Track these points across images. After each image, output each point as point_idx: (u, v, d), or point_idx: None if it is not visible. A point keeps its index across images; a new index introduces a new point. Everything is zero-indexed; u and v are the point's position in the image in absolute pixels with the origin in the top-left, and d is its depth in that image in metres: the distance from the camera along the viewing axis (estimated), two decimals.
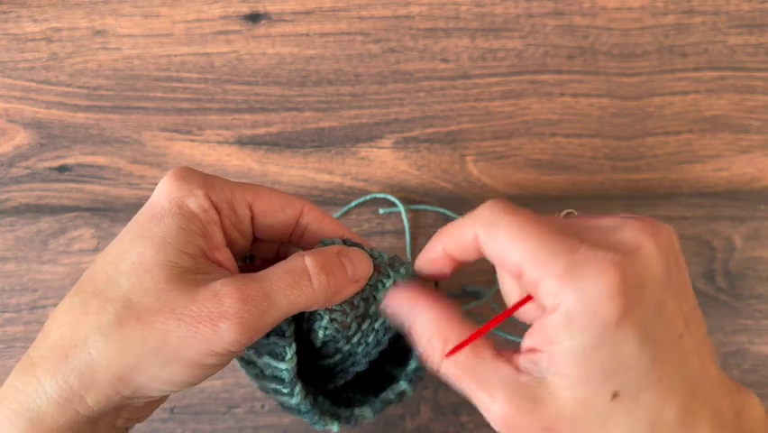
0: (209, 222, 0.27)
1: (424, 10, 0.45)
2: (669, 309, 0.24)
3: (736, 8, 0.45)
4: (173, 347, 0.24)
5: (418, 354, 0.28)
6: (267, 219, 0.29)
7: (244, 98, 0.45)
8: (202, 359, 0.25)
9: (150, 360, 0.25)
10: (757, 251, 0.44)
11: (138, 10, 0.46)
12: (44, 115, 0.45)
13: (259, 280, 0.26)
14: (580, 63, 0.45)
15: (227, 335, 0.24)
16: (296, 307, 0.26)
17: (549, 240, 0.24)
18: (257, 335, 0.25)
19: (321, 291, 0.27)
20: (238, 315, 0.24)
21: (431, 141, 0.45)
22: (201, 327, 0.24)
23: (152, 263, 0.25)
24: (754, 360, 0.43)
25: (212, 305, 0.24)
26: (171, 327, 0.24)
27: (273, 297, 0.25)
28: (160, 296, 0.25)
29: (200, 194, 0.27)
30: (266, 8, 0.45)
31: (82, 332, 0.25)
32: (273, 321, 0.26)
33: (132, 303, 0.25)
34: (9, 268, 0.45)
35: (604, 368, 0.23)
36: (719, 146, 0.45)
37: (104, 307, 0.25)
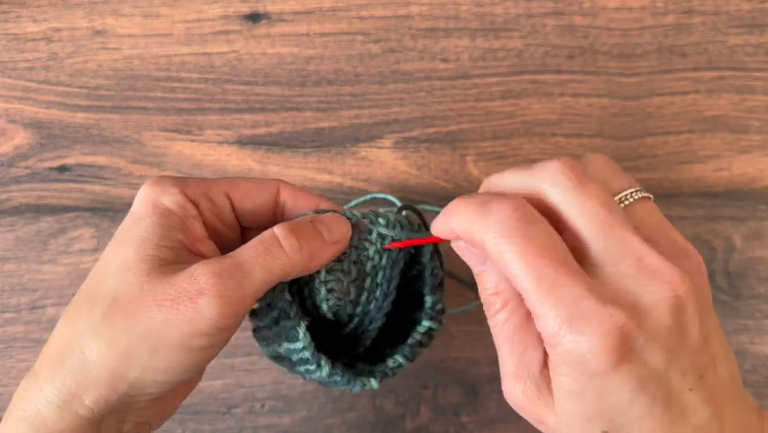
0: (187, 216, 0.28)
1: (424, 10, 0.45)
2: (677, 366, 0.23)
3: (736, 8, 0.45)
4: (159, 333, 0.25)
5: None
6: (246, 204, 0.30)
7: (244, 98, 0.45)
8: (189, 341, 0.25)
9: (138, 349, 0.25)
10: (757, 251, 0.44)
11: (138, 10, 0.46)
12: (44, 115, 0.45)
13: (232, 255, 0.26)
14: (580, 63, 0.45)
15: (208, 310, 0.25)
16: (272, 273, 0.26)
17: (556, 278, 0.23)
18: (240, 307, 0.26)
19: (294, 254, 0.27)
20: (215, 288, 0.25)
21: (431, 141, 0.45)
22: (181, 308, 0.25)
23: (134, 261, 0.26)
24: (753, 360, 0.43)
25: (189, 285, 0.25)
26: (154, 312, 0.25)
27: (247, 267, 0.26)
28: (141, 287, 0.25)
29: (174, 191, 0.28)
30: (266, 8, 0.45)
31: (75, 335, 0.26)
32: (254, 290, 0.26)
33: (117, 299, 0.26)
34: (9, 268, 0.45)
35: (594, 409, 0.23)
36: (719, 146, 0.45)
37: (93, 308, 0.26)
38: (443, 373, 0.43)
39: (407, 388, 0.43)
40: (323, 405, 0.43)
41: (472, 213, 0.25)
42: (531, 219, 0.24)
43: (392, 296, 0.31)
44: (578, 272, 0.23)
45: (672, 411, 0.23)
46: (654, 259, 0.24)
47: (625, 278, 0.23)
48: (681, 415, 0.23)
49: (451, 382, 0.43)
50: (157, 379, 0.26)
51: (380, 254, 0.30)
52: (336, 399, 0.43)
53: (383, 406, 0.43)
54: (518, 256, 0.23)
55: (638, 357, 0.23)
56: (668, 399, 0.23)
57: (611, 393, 0.23)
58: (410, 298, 0.33)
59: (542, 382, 0.25)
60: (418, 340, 0.32)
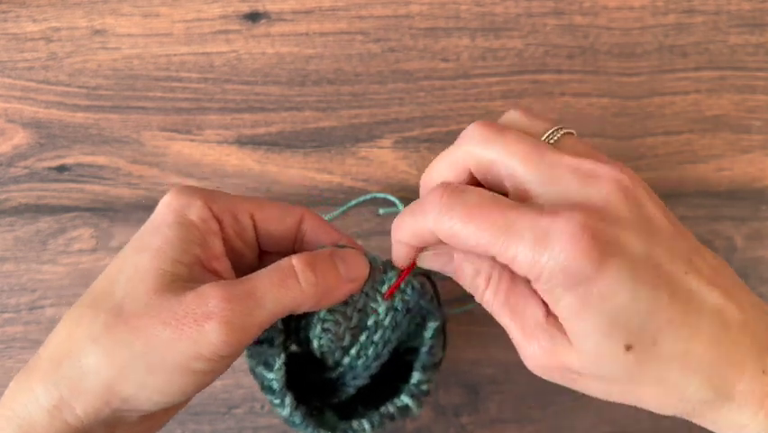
0: (208, 232, 0.27)
1: (424, 9, 0.45)
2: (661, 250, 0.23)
3: (737, 8, 0.45)
4: (159, 351, 0.24)
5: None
6: (269, 227, 0.29)
7: (244, 98, 0.45)
8: (189, 363, 0.24)
9: (136, 365, 0.24)
10: (759, 251, 0.44)
11: (137, 9, 0.46)
12: (43, 114, 0.45)
13: (245, 281, 0.26)
14: (581, 63, 0.45)
15: (213, 335, 0.24)
16: (283, 305, 0.26)
17: (509, 217, 0.23)
18: (245, 336, 0.25)
19: (309, 288, 0.26)
20: (222, 314, 0.24)
21: (431, 141, 0.45)
22: (186, 329, 0.24)
23: (146, 272, 0.25)
24: None
25: (197, 306, 0.24)
26: (157, 330, 0.24)
27: (259, 296, 0.25)
28: (148, 302, 0.25)
29: (200, 204, 0.27)
30: (265, 7, 0.45)
31: (75, 341, 0.25)
32: (261, 321, 0.25)
33: (122, 311, 0.25)
34: (8, 268, 0.45)
35: (603, 321, 0.23)
36: (720, 146, 0.45)
37: (96, 316, 0.25)
38: (444, 374, 0.43)
39: None
40: None
41: (410, 218, 0.26)
42: (458, 190, 0.24)
43: (383, 359, 0.30)
44: (523, 206, 0.24)
45: (679, 298, 0.23)
46: (589, 164, 0.24)
47: (568, 191, 0.24)
48: (690, 300, 0.23)
49: (451, 382, 0.43)
50: (152, 398, 0.25)
51: (387, 312, 0.29)
52: None
53: None
54: (465, 223, 0.23)
55: (618, 248, 0.22)
56: (669, 284, 0.23)
57: (611, 294, 0.22)
58: (401, 366, 0.32)
59: (552, 330, 0.24)
60: (391, 413, 0.31)
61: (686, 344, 0.23)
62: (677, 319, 0.23)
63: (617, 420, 0.43)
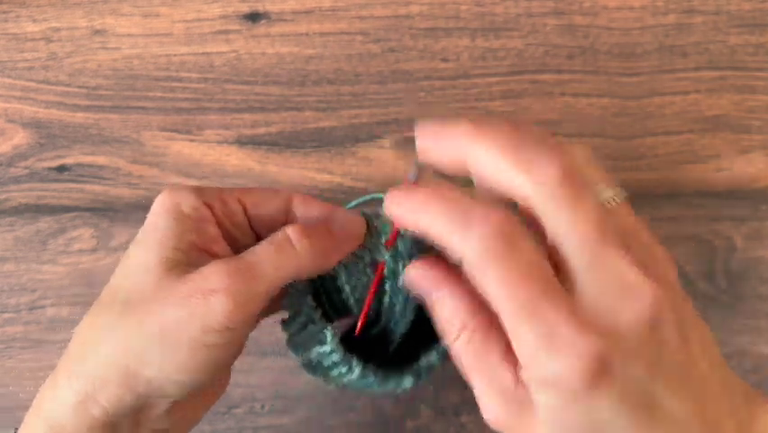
0: (201, 219, 0.28)
1: (424, 9, 0.45)
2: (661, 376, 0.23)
3: (737, 8, 0.45)
4: (171, 330, 0.25)
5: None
6: (259, 210, 0.30)
7: (244, 98, 0.45)
8: (201, 338, 0.25)
9: (151, 347, 0.25)
10: (758, 251, 0.44)
11: (137, 9, 0.46)
12: (43, 114, 0.45)
13: (244, 255, 0.27)
14: (581, 63, 0.45)
15: (218, 307, 0.25)
16: (284, 272, 0.27)
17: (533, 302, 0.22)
18: (250, 305, 0.26)
19: (305, 252, 0.27)
20: (225, 286, 0.25)
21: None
22: (192, 305, 0.25)
23: (149, 263, 0.27)
24: (755, 360, 0.43)
25: (201, 283, 0.25)
26: (166, 311, 0.25)
27: (258, 266, 0.26)
28: (155, 288, 0.26)
29: (189, 195, 0.28)
30: (266, 8, 0.45)
31: (92, 335, 0.27)
32: (264, 289, 0.26)
33: (131, 299, 0.26)
34: (8, 268, 0.45)
35: (578, 427, 0.23)
36: (720, 146, 0.45)
37: (111, 308, 0.27)
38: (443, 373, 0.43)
39: None
40: (323, 405, 0.43)
41: (451, 220, 0.23)
42: (517, 237, 0.23)
43: (413, 303, 0.30)
44: (558, 295, 0.22)
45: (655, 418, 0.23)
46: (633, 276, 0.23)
47: (605, 297, 0.23)
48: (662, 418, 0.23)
49: (451, 382, 0.43)
50: (171, 378, 0.26)
51: (395, 260, 0.30)
52: (336, 399, 0.43)
53: (383, 406, 0.43)
54: (500, 280, 0.22)
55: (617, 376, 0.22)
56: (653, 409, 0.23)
57: (592, 411, 0.22)
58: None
59: (522, 398, 0.24)
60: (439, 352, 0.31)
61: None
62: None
63: None
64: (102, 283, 0.44)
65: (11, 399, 0.44)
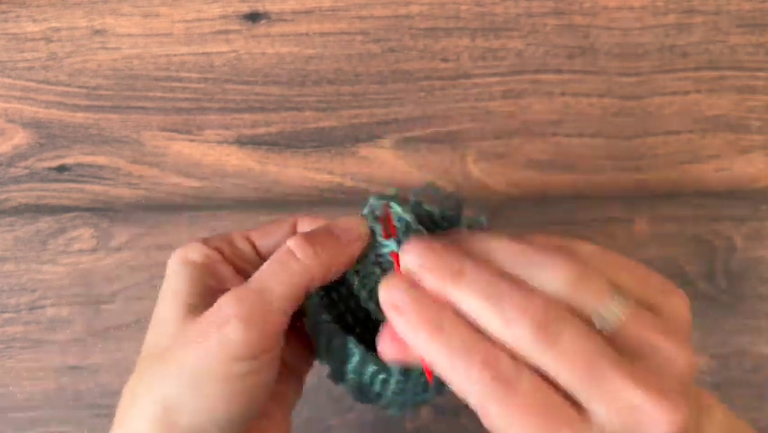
0: (212, 262, 0.29)
1: (424, 9, 0.45)
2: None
3: (737, 8, 0.45)
4: (195, 369, 0.25)
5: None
6: (268, 241, 0.30)
7: (244, 98, 0.45)
8: (225, 369, 0.25)
9: (183, 392, 0.25)
10: (758, 251, 0.44)
11: (137, 9, 0.46)
12: (43, 114, 0.45)
13: (251, 279, 0.26)
14: (581, 63, 0.45)
15: (234, 334, 0.25)
16: (293, 285, 0.26)
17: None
18: (266, 326, 0.25)
19: (311, 261, 0.27)
20: (236, 312, 0.25)
21: (431, 140, 0.45)
22: (211, 339, 0.25)
23: (167, 314, 0.27)
24: (755, 360, 0.43)
25: (215, 317, 0.25)
26: (188, 351, 0.25)
27: (266, 285, 0.26)
28: (175, 334, 0.26)
29: (197, 245, 0.29)
30: (266, 8, 0.45)
31: (133, 394, 0.27)
32: (278, 307, 0.26)
33: (156, 351, 0.27)
34: (8, 268, 0.45)
35: None
36: (720, 146, 0.45)
37: (144, 363, 0.27)
38: None
39: None
40: (323, 405, 0.43)
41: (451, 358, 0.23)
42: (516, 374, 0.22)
43: None
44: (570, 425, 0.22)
45: None
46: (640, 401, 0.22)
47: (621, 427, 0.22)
48: None
49: None
50: (208, 417, 0.25)
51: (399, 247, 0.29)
52: (337, 399, 0.43)
53: None
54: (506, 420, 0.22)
55: None
56: None
57: None
58: None
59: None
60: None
61: None
62: None
63: None
64: (102, 283, 0.44)
65: (10, 399, 0.44)
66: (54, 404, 0.43)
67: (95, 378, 0.43)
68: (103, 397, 0.43)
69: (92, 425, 0.43)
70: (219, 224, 0.44)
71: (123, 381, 0.43)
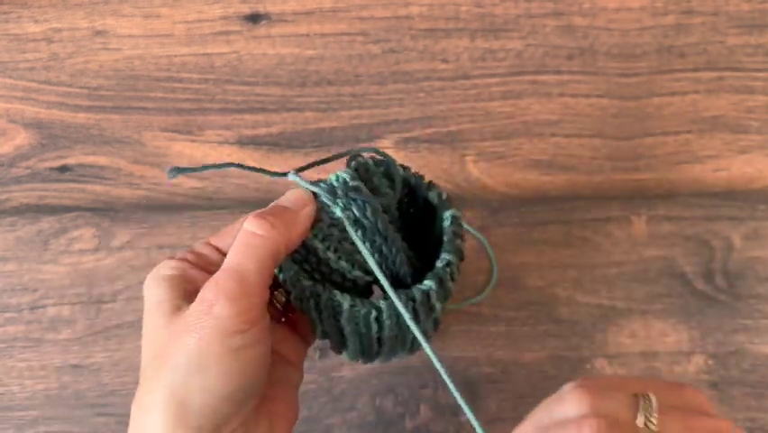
0: (184, 270, 0.30)
1: (424, 10, 0.45)
2: None
3: (736, 8, 0.45)
4: (196, 352, 0.27)
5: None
6: (227, 240, 0.32)
7: (245, 99, 0.45)
8: (225, 345, 0.27)
9: (189, 376, 0.27)
10: (756, 251, 0.44)
11: (138, 10, 0.46)
12: (45, 115, 0.46)
13: (223, 264, 0.28)
14: (580, 63, 0.45)
15: (224, 311, 0.27)
16: (262, 258, 0.28)
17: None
18: (251, 299, 0.27)
19: (270, 233, 0.28)
20: (218, 293, 0.27)
21: (431, 141, 0.45)
22: (204, 323, 0.27)
23: (156, 322, 0.29)
24: (753, 360, 0.43)
25: (201, 304, 0.27)
26: (185, 339, 0.27)
27: (238, 263, 0.28)
28: (169, 331, 0.28)
29: (163, 263, 0.31)
30: (266, 8, 0.46)
31: (137, 404, 0.28)
32: (255, 282, 0.28)
33: (155, 351, 0.28)
34: (10, 268, 0.45)
35: None
36: (718, 146, 0.45)
37: (146, 368, 0.29)
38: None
39: (407, 387, 0.43)
40: (323, 404, 0.44)
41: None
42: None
43: (396, 244, 0.31)
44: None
45: None
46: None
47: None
48: None
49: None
50: (218, 394, 0.27)
51: (348, 208, 0.31)
52: (336, 398, 0.43)
53: (383, 406, 0.43)
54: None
55: None
56: None
57: None
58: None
59: None
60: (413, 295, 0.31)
61: None
62: None
63: None
64: (103, 283, 0.44)
65: (11, 398, 0.44)
66: (55, 403, 0.44)
67: (96, 377, 0.44)
68: (104, 396, 0.43)
69: (93, 424, 0.43)
70: (219, 224, 0.45)
71: (125, 380, 0.43)
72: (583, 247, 0.44)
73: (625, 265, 0.44)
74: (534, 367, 0.43)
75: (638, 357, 0.43)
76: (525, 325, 0.44)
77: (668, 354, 0.43)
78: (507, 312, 0.44)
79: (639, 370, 0.43)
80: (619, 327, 0.43)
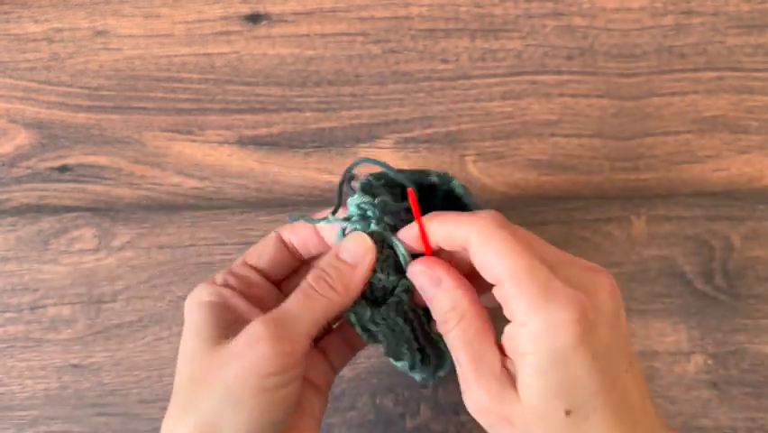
0: (225, 297, 0.31)
1: (423, 11, 0.45)
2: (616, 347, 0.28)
3: (735, 9, 0.45)
4: (234, 386, 0.28)
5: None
6: (262, 262, 0.34)
7: (245, 99, 0.45)
8: (260, 384, 0.27)
9: (222, 407, 0.28)
10: (756, 251, 0.44)
11: (139, 10, 0.46)
12: (45, 115, 0.46)
13: (278, 307, 0.29)
14: (580, 64, 0.45)
15: (267, 351, 0.28)
16: (316, 312, 0.29)
17: (531, 265, 0.27)
18: (294, 344, 0.28)
19: (330, 294, 0.30)
20: (267, 333, 0.28)
21: (431, 141, 0.45)
22: (246, 357, 0.28)
23: (195, 346, 0.30)
24: (752, 359, 0.43)
25: (247, 338, 0.28)
26: (226, 370, 0.28)
27: (292, 312, 0.29)
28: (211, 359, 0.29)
29: (203, 286, 0.32)
30: (266, 9, 0.46)
31: (172, 420, 0.29)
32: (305, 330, 0.29)
33: (193, 377, 0.29)
34: (10, 268, 0.45)
35: (559, 385, 0.26)
36: (718, 146, 0.45)
37: (180, 391, 0.30)
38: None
39: (407, 387, 0.43)
40: None
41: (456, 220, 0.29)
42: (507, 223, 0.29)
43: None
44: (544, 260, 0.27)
45: (616, 390, 0.27)
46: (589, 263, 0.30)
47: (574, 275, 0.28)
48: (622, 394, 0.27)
49: (450, 381, 0.43)
50: (247, 429, 0.28)
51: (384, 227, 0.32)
52: (337, 398, 0.43)
53: (383, 405, 0.43)
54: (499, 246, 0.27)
55: (594, 333, 0.26)
56: (613, 378, 0.27)
57: (573, 367, 0.26)
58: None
59: (504, 380, 0.28)
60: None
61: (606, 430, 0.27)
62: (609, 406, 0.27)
63: None
64: (103, 283, 0.45)
65: (12, 398, 0.44)
66: (56, 403, 0.44)
67: (96, 377, 0.44)
68: (104, 396, 0.43)
69: (93, 424, 0.43)
70: (220, 224, 0.45)
71: (125, 380, 0.43)
72: (583, 247, 0.44)
73: (624, 265, 0.44)
74: None
75: (638, 357, 0.43)
76: None
77: (668, 354, 0.43)
78: None
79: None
80: None
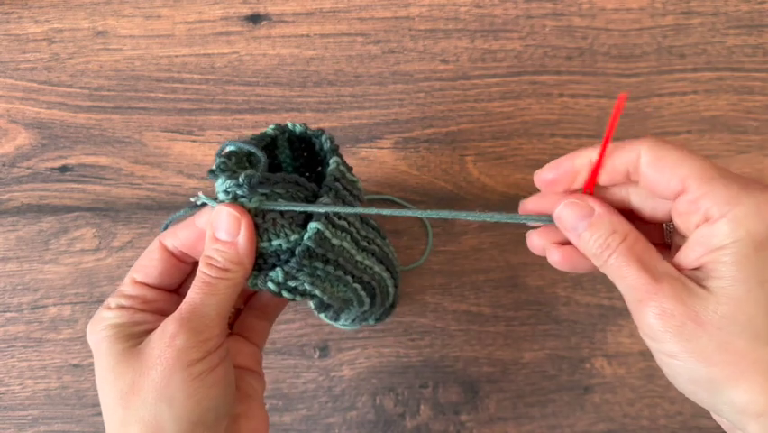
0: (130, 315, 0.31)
1: (423, 11, 0.45)
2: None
3: (735, 9, 0.45)
4: (164, 384, 0.28)
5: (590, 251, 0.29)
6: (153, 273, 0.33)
7: (245, 99, 0.45)
8: (188, 373, 0.28)
9: (156, 407, 0.28)
10: None
11: (139, 11, 0.46)
12: (46, 115, 0.46)
13: (183, 302, 0.30)
14: (579, 64, 0.45)
15: (185, 343, 0.28)
16: (220, 295, 0.30)
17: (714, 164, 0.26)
18: (213, 329, 0.29)
19: (224, 273, 0.30)
20: (181, 327, 0.29)
21: (431, 141, 0.45)
22: (167, 355, 0.28)
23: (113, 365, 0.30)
24: None
25: (163, 337, 0.29)
26: (152, 374, 0.29)
27: (197, 301, 0.30)
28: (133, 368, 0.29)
29: (101, 311, 0.32)
30: (267, 9, 0.46)
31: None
32: (216, 312, 0.29)
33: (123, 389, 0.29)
34: (11, 268, 0.45)
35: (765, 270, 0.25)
36: (718, 146, 0.45)
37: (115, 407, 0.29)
38: (443, 373, 0.43)
39: (407, 387, 0.44)
40: (323, 404, 0.44)
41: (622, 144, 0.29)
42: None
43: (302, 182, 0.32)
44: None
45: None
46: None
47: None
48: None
49: (450, 381, 0.43)
50: (189, 419, 0.28)
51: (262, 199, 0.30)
52: (337, 397, 0.44)
53: (383, 405, 0.44)
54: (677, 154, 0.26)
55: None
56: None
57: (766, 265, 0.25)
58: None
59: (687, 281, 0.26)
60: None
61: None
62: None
63: (615, 419, 0.43)
64: (104, 282, 0.45)
65: (12, 397, 0.44)
66: (56, 403, 0.44)
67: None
68: None
69: (93, 423, 0.43)
70: None
71: None
72: None
73: None
74: (534, 367, 0.43)
75: (638, 357, 0.43)
76: (525, 324, 0.44)
77: None
78: (506, 312, 0.44)
79: (639, 369, 0.43)
80: (619, 326, 0.44)
